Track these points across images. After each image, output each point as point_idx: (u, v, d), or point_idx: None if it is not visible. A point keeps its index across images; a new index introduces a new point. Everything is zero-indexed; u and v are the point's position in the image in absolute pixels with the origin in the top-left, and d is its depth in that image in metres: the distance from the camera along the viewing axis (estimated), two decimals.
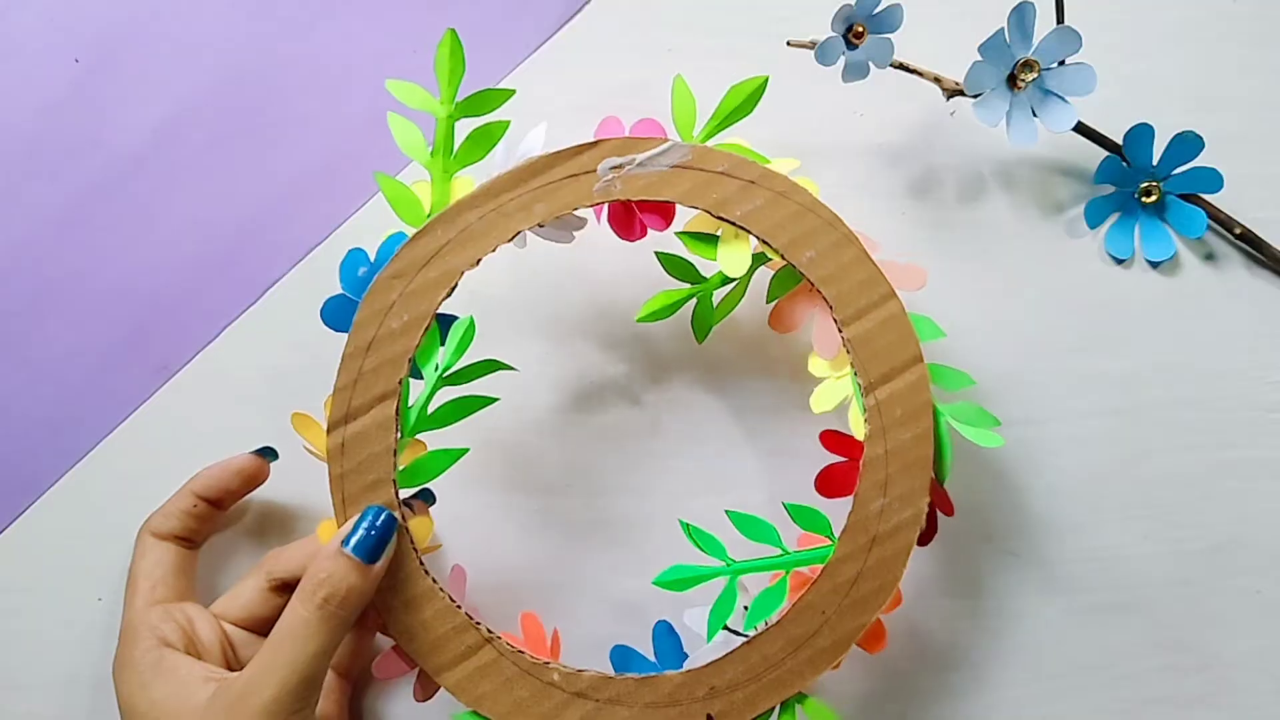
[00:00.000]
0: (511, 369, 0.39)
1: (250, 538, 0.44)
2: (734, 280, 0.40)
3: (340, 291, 0.39)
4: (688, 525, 0.40)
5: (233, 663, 0.39)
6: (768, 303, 0.41)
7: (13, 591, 0.44)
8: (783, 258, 0.38)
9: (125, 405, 0.45)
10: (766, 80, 0.39)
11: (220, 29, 0.47)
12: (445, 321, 0.38)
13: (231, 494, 0.42)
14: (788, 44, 0.45)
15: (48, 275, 0.46)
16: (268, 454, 0.42)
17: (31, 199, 0.46)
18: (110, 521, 0.43)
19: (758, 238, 0.38)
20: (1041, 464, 0.45)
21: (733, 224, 0.38)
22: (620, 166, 0.38)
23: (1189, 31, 0.49)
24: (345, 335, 0.37)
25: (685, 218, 0.40)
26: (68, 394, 0.45)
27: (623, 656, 0.40)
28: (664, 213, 0.40)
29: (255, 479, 0.42)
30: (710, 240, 0.40)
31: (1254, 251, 0.47)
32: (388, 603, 0.36)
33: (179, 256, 0.46)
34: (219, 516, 0.42)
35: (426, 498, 0.42)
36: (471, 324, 0.38)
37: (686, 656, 0.40)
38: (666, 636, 0.41)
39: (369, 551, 0.35)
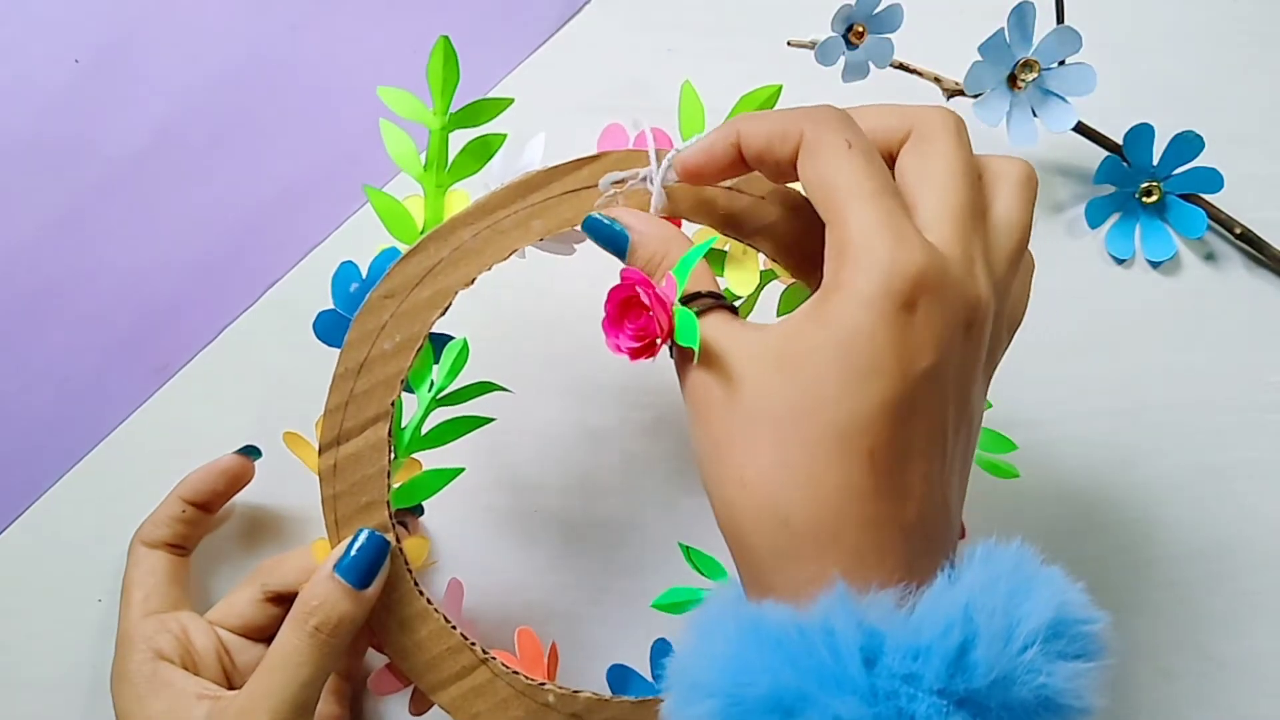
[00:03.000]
0: (506, 390, 0.38)
1: (242, 541, 0.44)
2: (741, 297, 0.38)
3: (331, 306, 0.37)
4: (686, 548, 0.39)
5: (230, 670, 0.39)
6: (778, 317, 0.39)
7: (13, 591, 0.44)
8: (794, 277, 0.36)
9: (124, 406, 0.45)
10: (779, 89, 0.37)
11: (219, 30, 0.47)
12: (439, 340, 0.37)
13: (219, 496, 0.42)
14: (788, 44, 0.45)
15: (47, 276, 0.46)
16: (251, 453, 0.42)
17: (30, 200, 0.46)
18: (110, 522, 0.43)
19: (769, 256, 0.36)
20: (1041, 464, 0.45)
21: (742, 241, 0.36)
22: (623, 181, 0.35)
23: (1189, 31, 0.49)
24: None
25: (689, 229, 0.38)
26: (67, 394, 0.45)
27: (620, 676, 0.39)
28: None
29: (241, 479, 0.42)
30: (717, 257, 0.37)
31: (1254, 251, 0.47)
32: (382, 622, 0.36)
33: (178, 258, 0.46)
34: (208, 520, 0.42)
35: (415, 510, 0.42)
36: (465, 346, 0.37)
37: None
38: (664, 655, 0.39)
39: (361, 577, 0.34)
